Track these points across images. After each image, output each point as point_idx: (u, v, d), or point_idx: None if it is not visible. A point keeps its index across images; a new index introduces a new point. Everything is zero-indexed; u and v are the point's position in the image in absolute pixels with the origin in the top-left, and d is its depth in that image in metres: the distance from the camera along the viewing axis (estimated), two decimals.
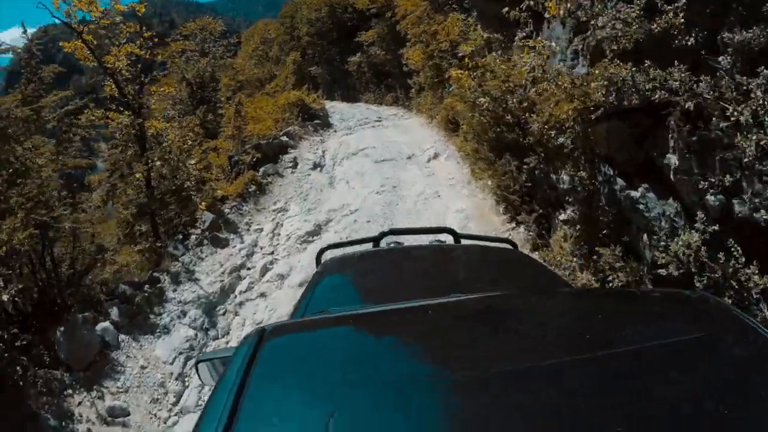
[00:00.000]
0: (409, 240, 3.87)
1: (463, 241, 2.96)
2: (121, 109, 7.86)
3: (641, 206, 4.65)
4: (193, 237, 8.27)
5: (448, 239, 3.06)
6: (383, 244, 3.05)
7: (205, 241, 8.29)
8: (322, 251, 2.97)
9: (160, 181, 8.25)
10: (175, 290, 7.19)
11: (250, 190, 9.92)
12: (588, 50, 5.04)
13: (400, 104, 17.32)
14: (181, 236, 8.21)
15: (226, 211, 9.18)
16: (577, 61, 5.36)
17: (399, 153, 10.95)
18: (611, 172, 5.11)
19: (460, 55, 9.92)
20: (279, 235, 8.71)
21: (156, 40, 8.39)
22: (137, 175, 8.06)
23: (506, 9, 6.21)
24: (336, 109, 18.60)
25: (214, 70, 15.43)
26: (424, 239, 3.67)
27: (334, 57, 24.45)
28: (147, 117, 8.06)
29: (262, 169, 10.65)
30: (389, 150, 11.19)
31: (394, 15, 15.56)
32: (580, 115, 5.02)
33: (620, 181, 4.97)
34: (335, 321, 1.33)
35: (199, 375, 1.82)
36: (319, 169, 11.07)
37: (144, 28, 8.04)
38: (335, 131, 14.34)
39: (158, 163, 8.06)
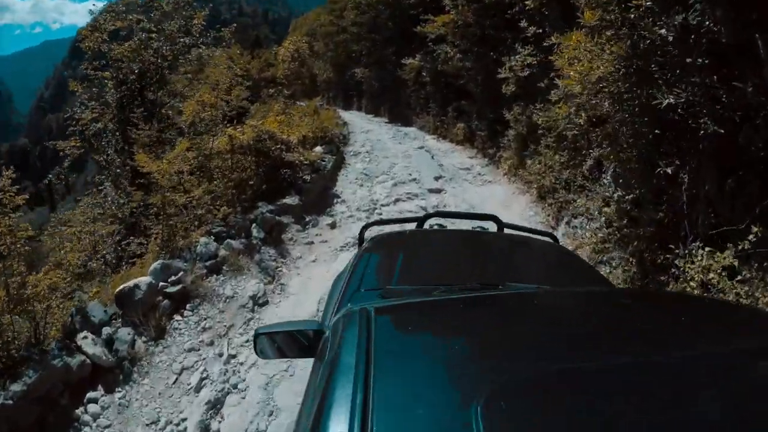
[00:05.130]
0: (451, 224, 3.33)
1: (506, 230, 2.95)
2: None
3: None
4: None
5: (491, 226, 2.93)
6: (427, 225, 2.98)
7: None
8: (365, 227, 2.87)
9: None
10: None
11: None
12: None
13: (476, 146, 10.11)
14: None
15: None
16: None
17: None
18: None
19: None
20: None
21: None
22: None
23: None
24: (370, 139, 11.70)
25: (169, 61, 8.98)
26: (467, 224, 3.30)
27: (388, 57, 17.54)
28: None
29: None
30: None
31: None
32: None
33: None
34: (438, 304, 1.32)
35: (257, 349, 1.69)
36: None
37: None
38: (330, 230, 6.66)
39: None
